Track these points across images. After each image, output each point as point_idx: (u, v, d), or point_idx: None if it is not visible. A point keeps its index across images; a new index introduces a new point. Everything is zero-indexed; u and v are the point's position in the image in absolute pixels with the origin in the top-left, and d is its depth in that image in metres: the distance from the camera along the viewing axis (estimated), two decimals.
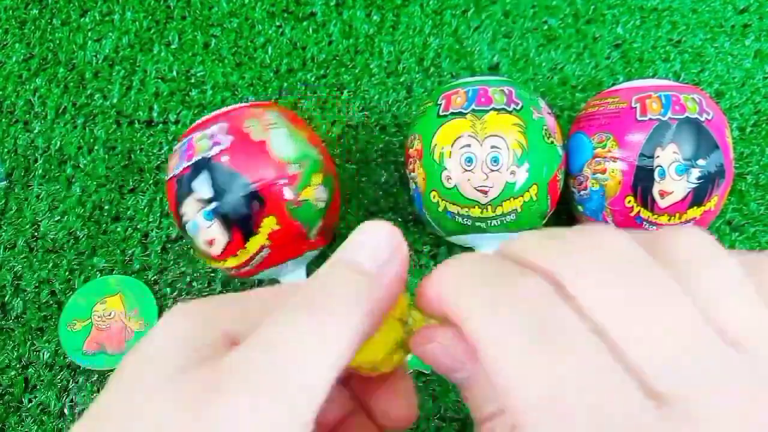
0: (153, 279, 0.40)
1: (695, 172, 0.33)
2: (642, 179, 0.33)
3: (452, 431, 0.37)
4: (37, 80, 0.45)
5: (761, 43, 0.45)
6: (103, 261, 0.41)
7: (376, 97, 0.44)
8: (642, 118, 0.33)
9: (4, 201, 0.43)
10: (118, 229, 0.42)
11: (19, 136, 0.44)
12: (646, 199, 0.33)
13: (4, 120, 0.45)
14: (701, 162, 0.33)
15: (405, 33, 0.45)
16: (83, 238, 0.41)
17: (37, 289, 0.40)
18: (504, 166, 0.33)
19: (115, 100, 0.45)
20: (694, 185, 0.33)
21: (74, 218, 0.42)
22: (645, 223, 0.34)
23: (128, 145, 0.44)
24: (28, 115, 0.45)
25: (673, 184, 0.33)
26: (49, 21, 0.47)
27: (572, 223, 0.39)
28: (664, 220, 0.34)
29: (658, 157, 0.33)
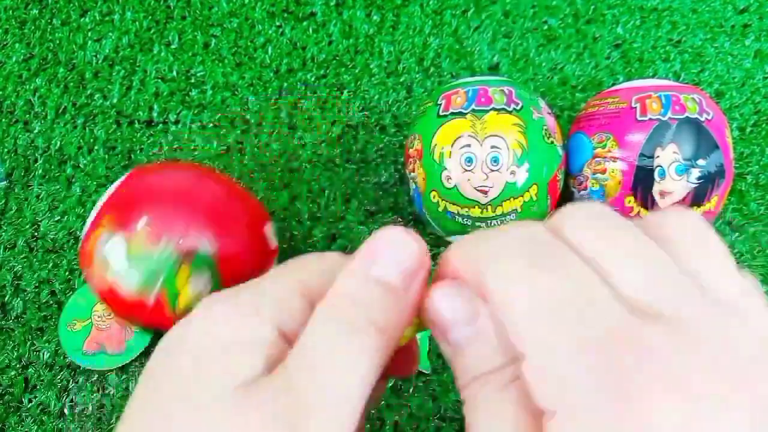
0: None
1: (695, 172, 0.33)
2: (642, 179, 0.33)
3: (452, 431, 0.37)
4: (37, 80, 0.45)
5: (761, 43, 0.45)
6: None
7: (376, 97, 0.44)
8: (642, 118, 0.33)
9: (4, 201, 0.43)
10: None
11: (19, 136, 0.44)
12: (646, 199, 0.33)
13: (4, 120, 0.45)
14: (701, 162, 0.33)
15: (405, 33, 0.45)
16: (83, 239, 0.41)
17: (37, 289, 0.40)
18: (504, 166, 0.33)
19: (115, 100, 0.45)
20: (694, 185, 0.33)
21: (74, 218, 0.42)
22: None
23: (128, 145, 0.44)
24: (28, 115, 0.45)
25: (673, 184, 0.33)
26: (49, 21, 0.47)
27: None
28: None
29: (658, 157, 0.33)
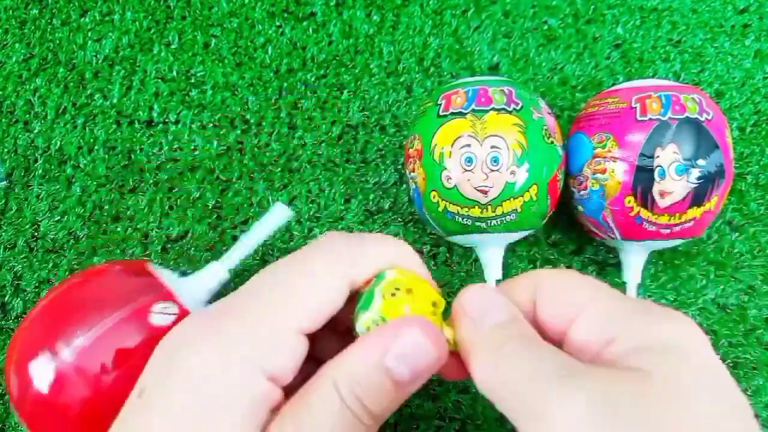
0: None
1: (695, 172, 0.33)
2: (642, 179, 0.33)
3: (452, 431, 0.37)
4: (37, 80, 0.45)
5: (761, 43, 0.45)
6: (103, 261, 0.41)
7: (376, 97, 0.44)
8: (642, 118, 0.33)
9: (4, 201, 0.43)
10: (118, 229, 0.42)
11: (19, 136, 0.44)
12: (646, 198, 0.33)
13: (4, 120, 0.45)
14: (701, 162, 0.33)
15: (405, 33, 0.45)
16: (83, 238, 0.41)
17: (37, 289, 0.40)
18: (504, 166, 0.33)
19: (115, 100, 0.45)
20: (694, 185, 0.33)
21: (74, 218, 0.42)
22: (645, 223, 0.34)
23: (128, 145, 0.44)
24: (28, 115, 0.45)
25: (673, 184, 0.33)
26: (49, 21, 0.47)
27: (572, 224, 0.39)
28: (664, 219, 0.34)
29: (658, 157, 0.33)
